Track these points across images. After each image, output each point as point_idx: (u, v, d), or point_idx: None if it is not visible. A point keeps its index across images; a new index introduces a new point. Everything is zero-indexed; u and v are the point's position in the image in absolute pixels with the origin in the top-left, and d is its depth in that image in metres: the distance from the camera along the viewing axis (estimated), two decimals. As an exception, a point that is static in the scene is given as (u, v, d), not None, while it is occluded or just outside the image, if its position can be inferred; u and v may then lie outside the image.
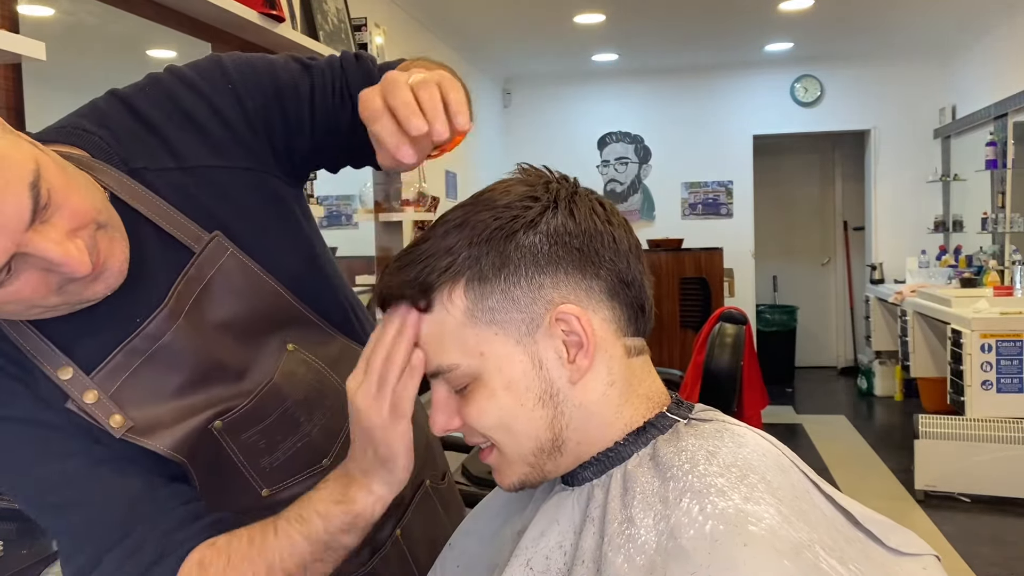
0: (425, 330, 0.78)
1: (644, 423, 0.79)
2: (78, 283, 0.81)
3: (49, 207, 0.76)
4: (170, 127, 0.95)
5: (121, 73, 1.06)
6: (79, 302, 0.85)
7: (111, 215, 0.85)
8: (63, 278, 0.79)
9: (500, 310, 0.75)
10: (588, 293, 0.77)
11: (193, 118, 0.95)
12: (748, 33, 6.02)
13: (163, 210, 0.91)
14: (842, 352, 7.86)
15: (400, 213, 4.16)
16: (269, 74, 1.00)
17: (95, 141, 0.92)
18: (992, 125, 5.79)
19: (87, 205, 0.81)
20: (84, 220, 0.80)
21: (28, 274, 0.77)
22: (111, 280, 0.85)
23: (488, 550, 0.89)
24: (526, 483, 0.81)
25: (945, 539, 3.65)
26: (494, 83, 7.30)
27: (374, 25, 3.83)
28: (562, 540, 0.78)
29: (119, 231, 0.86)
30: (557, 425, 0.77)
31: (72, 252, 0.77)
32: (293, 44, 2.94)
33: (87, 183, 0.84)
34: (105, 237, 0.83)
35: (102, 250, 0.82)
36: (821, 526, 0.72)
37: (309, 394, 1.00)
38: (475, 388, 0.77)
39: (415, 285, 0.76)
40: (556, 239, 0.75)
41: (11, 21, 1.88)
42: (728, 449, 0.75)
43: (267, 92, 0.98)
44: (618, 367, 0.78)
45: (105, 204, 0.85)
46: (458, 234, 0.76)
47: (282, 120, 0.99)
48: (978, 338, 4.18)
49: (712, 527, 0.68)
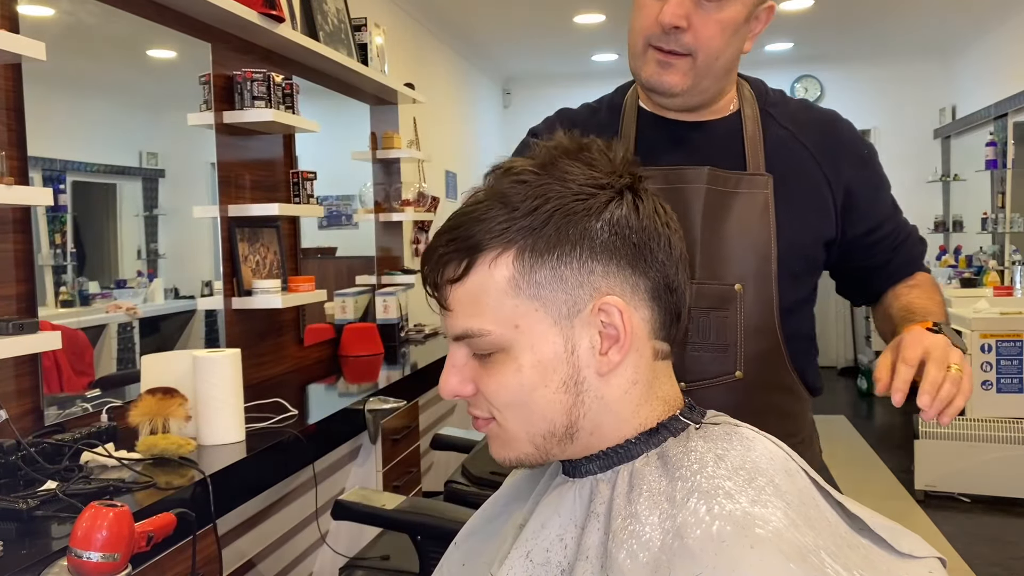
0: (460, 291, 0.76)
1: (657, 424, 0.79)
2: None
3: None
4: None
5: (121, 73, 1.06)
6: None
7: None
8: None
9: (547, 286, 0.74)
10: (634, 290, 0.77)
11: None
12: (748, 33, 6.01)
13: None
14: (842, 352, 7.86)
15: (400, 213, 4.16)
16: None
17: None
18: (992, 125, 5.79)
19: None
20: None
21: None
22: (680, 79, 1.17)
23: (491, 547, 0.89)
24: (524, 463, 0.81)
25: (945, 539, 3.64)
26: (494, 83, 7.30)
27: (374, 25, 3.83)
28: (563, 533, 0.78)
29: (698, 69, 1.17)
30: (575, 413, 0.77)
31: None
32: (293, 44, 2.94)
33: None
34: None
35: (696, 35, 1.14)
36: (826, 532, 0.72)
37: None
38: (501, 359, 0.76)
39: (464, 242, 0.75)
40: (617, 230, 0.75)
41: (11, 21, 1.88)
42: (737, 452, 0.75)
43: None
44: (644, 367, 0.78)
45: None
46: (520, 200, 0.75)
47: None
48: (978, 338, 4.18)
49: (719, 528, 0.68)
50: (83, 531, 1.18)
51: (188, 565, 1.61)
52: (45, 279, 2.05)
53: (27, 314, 1.89)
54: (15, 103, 1.89)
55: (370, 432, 2.69)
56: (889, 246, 1.32)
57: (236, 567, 2.04)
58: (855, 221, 1.28)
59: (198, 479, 1.72)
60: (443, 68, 5.76)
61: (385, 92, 4.01)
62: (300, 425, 2.25)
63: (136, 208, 2.48)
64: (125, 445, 1.90)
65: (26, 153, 1.91)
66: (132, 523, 1.23)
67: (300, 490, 2.34)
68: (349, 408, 2.61)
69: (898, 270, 1.33)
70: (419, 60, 5.12)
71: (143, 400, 1.94)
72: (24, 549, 1.37)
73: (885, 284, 1.33)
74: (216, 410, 2.03)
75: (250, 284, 2.79)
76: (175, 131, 2.67)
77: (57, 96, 2.09)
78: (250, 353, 2.75)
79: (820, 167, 1.26)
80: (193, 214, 2.70)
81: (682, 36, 1.14)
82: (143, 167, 2.50)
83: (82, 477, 1.67)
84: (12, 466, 1.63)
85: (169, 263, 2.60)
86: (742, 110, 1.27)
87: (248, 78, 2.69)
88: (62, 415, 1.99)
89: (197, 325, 2.71)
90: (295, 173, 3.09)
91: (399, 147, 4.15)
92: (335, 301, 3.66)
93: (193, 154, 2.75)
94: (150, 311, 2.49)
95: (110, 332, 2.34)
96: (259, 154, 2.96)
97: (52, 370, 2.00)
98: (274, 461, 2.08)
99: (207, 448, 2.00)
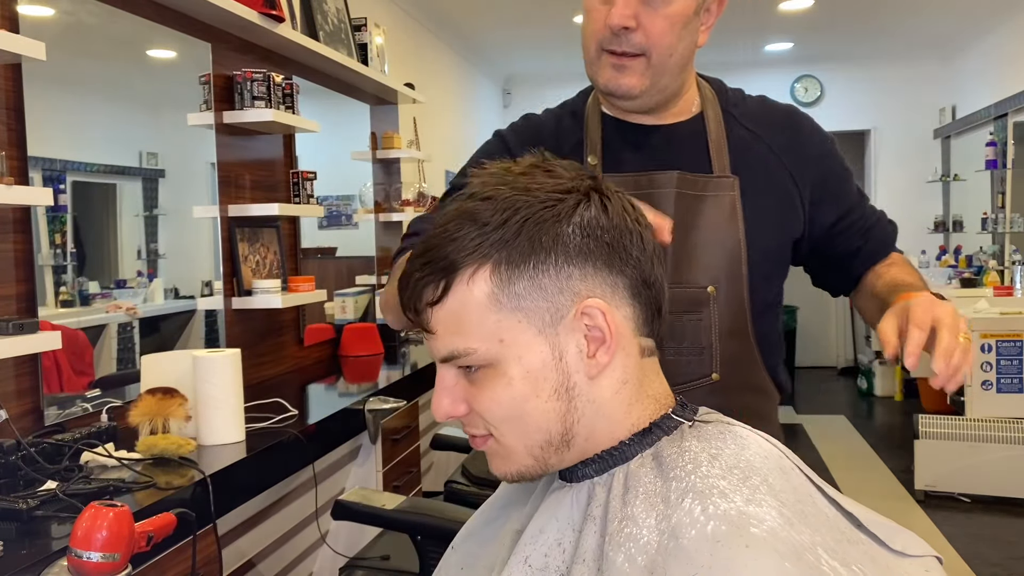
0: (441, 312, 0.76)
1: (650, 424, 0.79)
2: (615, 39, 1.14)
3: None
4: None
5: (121, 73, 1.07)
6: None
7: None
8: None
9: (527, 297, 0.74)
10: (613, 289, 0.77)
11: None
12: (748, 33, 6.01)
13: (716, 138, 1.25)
14: (842, 352, 7.86)
15: (400, 213, 4.16)
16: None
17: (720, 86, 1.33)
18: (992, 125, 5.79)
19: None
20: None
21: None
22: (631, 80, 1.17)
23: (489, 551, 0.89)
24: (526, 476, 0.81)
25: (945, 539, 3.64)
26: (494, 83, 7.29)
27: (374, 25, 3.83)
28: (561, 537, 0.78)
29: (654, 68, 1.17)
30: (569, 419, 0.77)
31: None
32: (293, 44, 2.94)
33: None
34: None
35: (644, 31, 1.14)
36: (823, 528, 0.72)
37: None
38: (489, 375, 0.76)
39: (438, 264, 0.75)
40: (588, 231, 0.75)
41: (11, 21, 1.88)
42: (731, 451, 0.75)
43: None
44: (632, 366, 0.79)
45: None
46: (489, 215, 0.75)
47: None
48: (978, 338, 4.18)
49: (714, 528, 0.68)
50: (83, 531, 1.18)
51: (188, 565, 1.62)
52: (45, 279, 2.05)
53: (27, 314, 1.89)
54: (15, 103, 1.90)
55: (370, 432, 2.70)
56: (860, 231, 1.33)
57: (236, 567, 2.04)
58: (825, 212, 1.30)
59: (198, 479, 1.72)
60: (443, 68, 5.76)
61: (385, 92, 4.01)
62: (300, 425, 2.25)
63: (136, 208, 2.49)
64: (125, 445, 1.90)
65: (26, 153, 1.92)
66: (132, 523, 1.23)
67: (300, 490, 2.35)
68: (349, 408, 2.61)
69: (873, 253, 1.34)
70: (419, 60, 5.12)
71: (143, 400, 1.94)
72: (24, 549, 1.38)
73: (861, 268, 1.34)
74: (216, 410, 2.03)
75: (250, 284, 2.80)
76: (175, 131, 2.68)
77: (57, 96, 2.09)
78: (250, 353, 2.75)
79: (784, 166, 1.27)
80: (193, 214, 2.70)
81: (632, 36, 1.14)
82: (143, 167, 2.50)
83: (82, 477, 1.67)
84: (12, 466, 1.63)
85: (169, 263, 2.60)
86: (704, 111, 1.28)
87: (248, 78, 2.69)
88: (62, 415, 1.99)
89: (197, 325, 2.71)
90: (295, 173, 3.09)
91: (399, 147, 4.15)
92: (335, 301, 3.66)
93: (193, 154, 2.75)
94: (150, 311, 2.49)
95: (110, 332, 2.34)
96: (259, 154, 2.96)
97: (52, 370, 2.00)
98: (274, 461, 2.08)
99: (207, 448, 2.01)
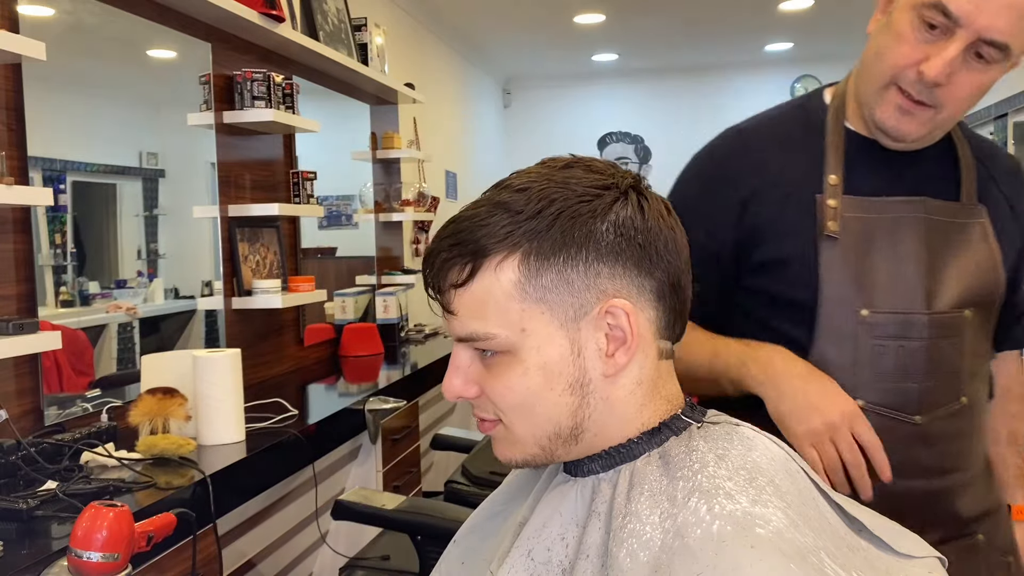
0: (464, 295, 0.76)
1: (659, 424, 0.79)
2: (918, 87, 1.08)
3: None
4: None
5: (121, 73, 1.06)
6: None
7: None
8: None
9: (553, 290, 0.74)
10: (639, 291, 0.76)
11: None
12: (748, 33, 6.02)
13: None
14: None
15: (400, 213, 4.17)
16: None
17: None
18: (992, 125, 5.79)
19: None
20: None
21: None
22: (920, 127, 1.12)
23: (491, 544, 0.89)
24: (530, 463, 0.81)
25: (945, 539, 3.64)
26: (494, 83, 7.29)
27: (374, 25, 3.83)
28: (564, 532, 0.78)
29: (939, 123, 1.13)
30: (580, 415, 0.77)
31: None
32: (293, 44, 2.94)
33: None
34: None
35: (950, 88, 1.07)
36: (826, 533, 0.72)
37: None
38: (506, 362, 0.76)
39: (468, 246, 0.75)
40: (623, 231, 0.75)
41: (11, 21, 1.88)
42: (737, 452, 0.75)
43: None
44: (649, 368, 0.78)
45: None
46: (523, 204, 0.74)
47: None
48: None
49: (719, 528, 0.68)
50: (83, 531, 1.18)
51: (188, 565, 1.62)
52: (45, 279, 2.05)
53: (27, 314, 1.89)
54: (15, 103, 1.89)
55: (370, 432, 2.70)
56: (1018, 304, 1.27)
57: (236, 567, 2.04)
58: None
59: (198, 479, 1.72)
60: (443, 68, 5.76)
61: (385, 92, 4.01)
62: (300, 425, 2.25)
63: (136, 208, 2.48)
64: (125, 445, 1.90)
65: (26, 153, 1.91)
66: (132, 523, 1.23)
67: (300, 490, 2.35)
68: (349, 408, 2.61)
69: (1014, 340, 1.29)
70: (419, 60, 5.12)
71: (143, 400, 1.94)
72: (24, 549, 1.38)
73: (1000, 340, 1.27)
74: (216, 410, 2.03)
75: (250, 284, 2.80)
76: (175, 131, 2.67)
77: (57, 96, 2.09)
78: (250, 353, 2.75)
79: (1006, 199, 1.23)
80: (193, 214, 2.70)
81: (937, 90, 1.08)
82: (143, 167, 2.50)
83: (82, 477, 1.67)
84: (12, 466, 1.63)
85: (169, 263, 2.60)
86: (953, 134, 1.22)
87: (248, 78, 2.69)
88: (62, 415, 1.99)
89: (197, 325, 2.71)
90: (295, 173, 3.09)
91: (399, 147, 4.15)
92: (335, 301, 3.66)
93: (193, 154, 2.75)
94: (150, 311, 2.49)
95: (110, 332, 2.34)
96: (259, 154, 2.96)
97: (52, 370, 2.00)
98: (274, 461, 2.08)
99: (207, 448, 2.00)
